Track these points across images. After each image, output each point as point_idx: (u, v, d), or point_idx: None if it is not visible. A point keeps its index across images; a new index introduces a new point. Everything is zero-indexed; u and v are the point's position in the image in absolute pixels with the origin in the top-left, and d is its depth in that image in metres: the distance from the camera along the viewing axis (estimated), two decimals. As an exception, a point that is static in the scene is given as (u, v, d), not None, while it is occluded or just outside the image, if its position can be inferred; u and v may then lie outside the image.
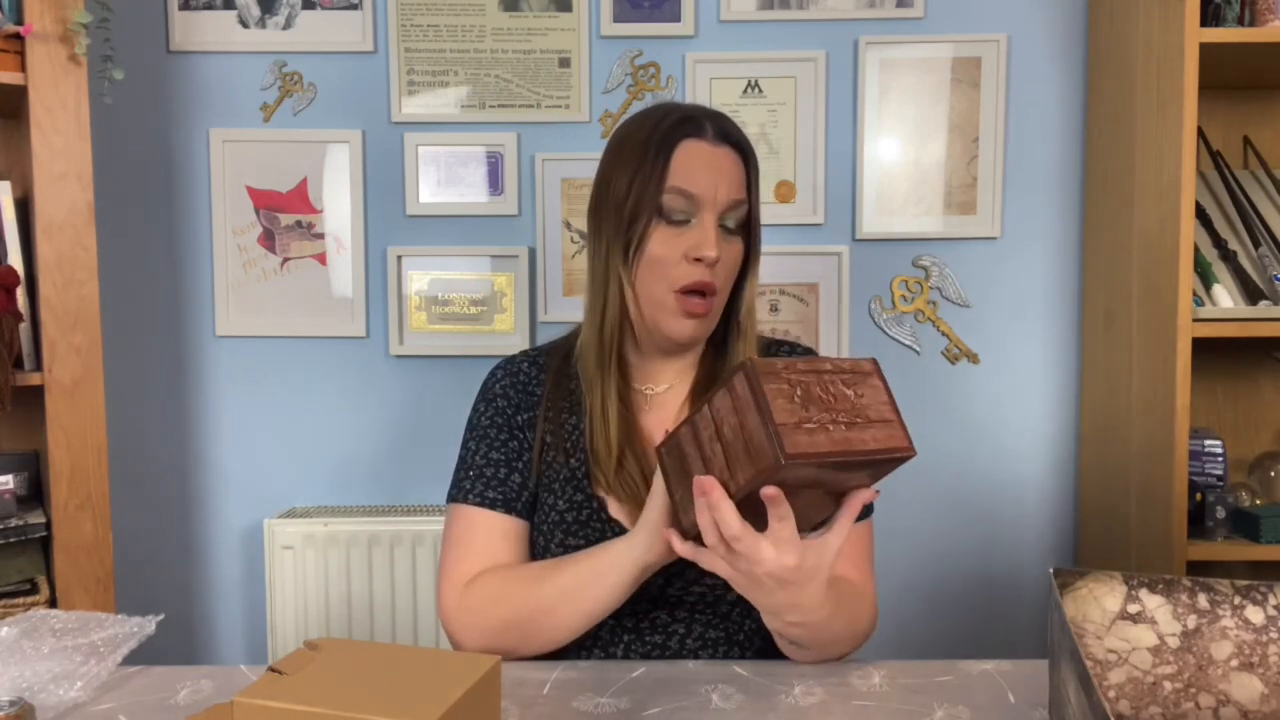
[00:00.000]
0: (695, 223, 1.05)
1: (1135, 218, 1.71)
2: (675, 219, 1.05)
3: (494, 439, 1.11)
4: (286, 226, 1.97)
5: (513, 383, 1.14)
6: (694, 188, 1.04)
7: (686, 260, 1.04)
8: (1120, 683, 0.81)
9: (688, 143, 1.06)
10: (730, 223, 1.07)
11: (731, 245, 1.07)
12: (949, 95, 1.94)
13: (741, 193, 1.07)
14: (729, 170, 1.06)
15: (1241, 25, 1.61)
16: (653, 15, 1.93)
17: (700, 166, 1.05)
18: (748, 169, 1.08)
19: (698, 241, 1.04)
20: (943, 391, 1.98)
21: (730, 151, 1.07)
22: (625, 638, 1.07)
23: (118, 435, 1.82)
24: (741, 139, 1.10)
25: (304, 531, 1.86)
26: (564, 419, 1.11)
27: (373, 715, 0.64)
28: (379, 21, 1.95)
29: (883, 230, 1.95)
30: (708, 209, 1.04)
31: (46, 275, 1.54)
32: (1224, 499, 1.66)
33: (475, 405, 1.15)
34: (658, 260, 1.05)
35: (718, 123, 1.08)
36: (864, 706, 0.88)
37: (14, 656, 0.92)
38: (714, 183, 1.05)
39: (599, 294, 1.09)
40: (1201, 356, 1.61)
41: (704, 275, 1.04)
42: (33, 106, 1.51)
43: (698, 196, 1.04)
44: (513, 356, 1.18)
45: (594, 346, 1.10)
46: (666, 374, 1.14)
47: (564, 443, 1.10)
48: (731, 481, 0.81)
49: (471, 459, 1.11)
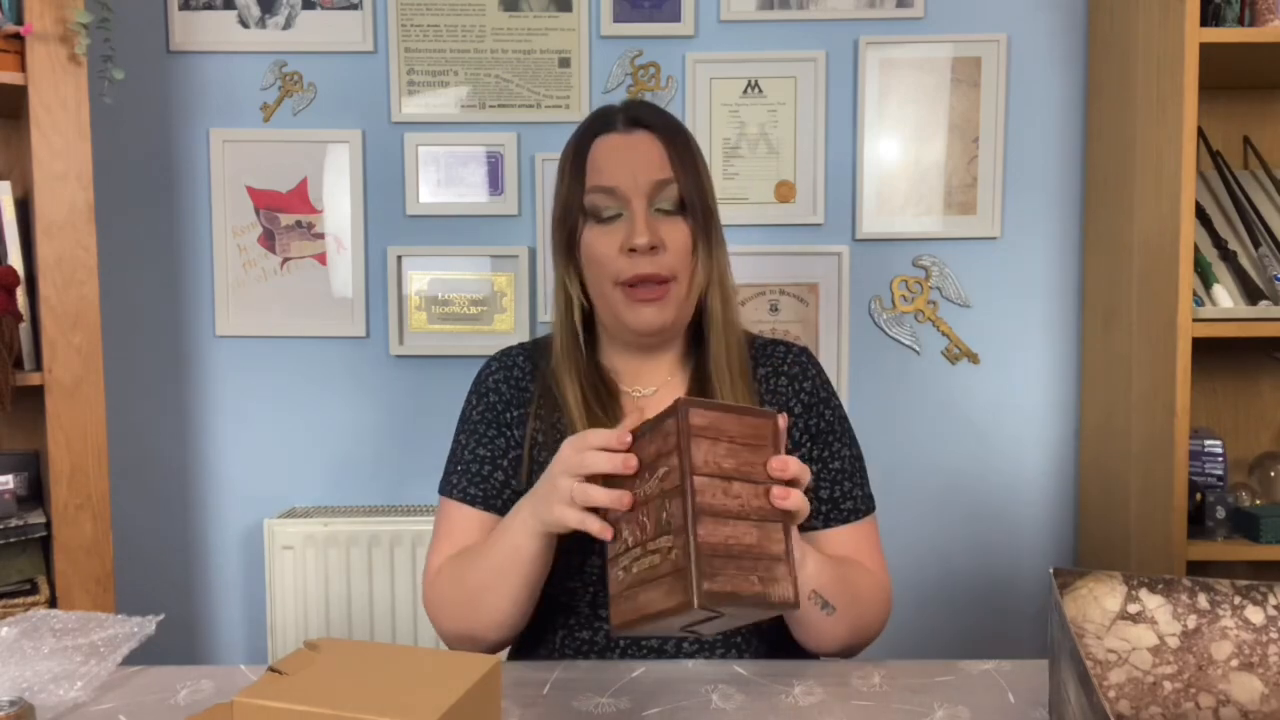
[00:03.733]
0: (625, 215, 1.05)
1: (1135, 218, 1.71)
2: (605, 215, 1.05)
3: (481, 434, 1.12)
4: (286, 226, 1.97)
5: (506, 377, 1.14)
6: (610, 181, 1.04)
7: (623, 254, 1.04)
8: (1120, 683, 0.81)
9: (599, 140, 1.07)
10: (666, 205, 1.05)
11: (673, 226, 1.05)
12: (949, 95, 1.94)
13: (665, 172, 1.05)
14: (645, 154, 1.05)
15: (1241, 25, 1.61)
16: (653, 15, 1.93)
17: (613, 160, 1.05)
18: (670, 147, 1.06)
19: (629, 233, 1.03)
20: (943, 391, 1.98)
21: (645, 135, 1.06)
22: (606, 628, 1.07)
23: (118, 435, 1.82)
24: (656, 120, 1.08)
25: (304, 531, 1.86)
26: (556, 418, 1.11)
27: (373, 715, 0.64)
28: (379, 21, 1.95)
29: (883, 230, 1.95)
30: (634, 197, 1.04)
31: (46, 275, 1.54)
32: (1224, 499, 1.66)
33: (468, 397, 1.15)
34: (597, 260, 1.05)
35: (630, 111, 1.08)
36: (864, 706, 0.88)
37: (14, 656, 0.92)
38: (630, 171, 1.04)
39: (555, 303, 1.12)
40: (1201, 356, 1.61)
41: (643, 266, 1.03)
42: (33, 106, 1.51)
43: (617, 189, 1.04)
44: (508, 349, 1.18)
45: (557, 350, 1.11)
46: (653, 375, 1.13)
47: (554, 442, 1.09)
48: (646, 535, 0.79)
49: (460, 453, 1.12)
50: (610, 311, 1.07)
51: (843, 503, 1.10)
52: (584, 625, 1.08)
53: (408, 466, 1.99)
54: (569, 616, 1.09)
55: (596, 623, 1.07)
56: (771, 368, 1.14)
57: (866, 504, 1.12)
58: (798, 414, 1.12)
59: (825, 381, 1.16)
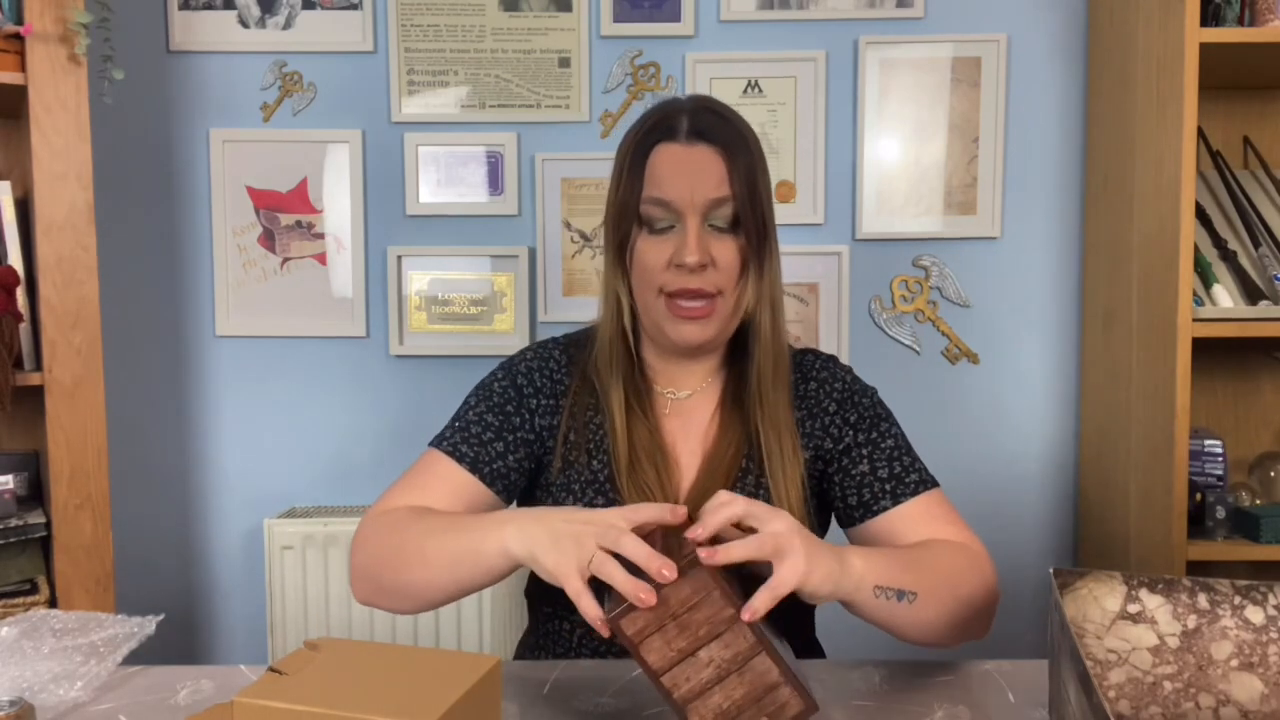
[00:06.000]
0: (679, 228, 1.03)
1: (1135, 218, 1.71)
2: (658, 227, 1.04)
3: (498, 406, 1.09)
4: (286, 226, 1.97)
5: (541, 367, 1.13)
6: (668, 195, 1.03)
7: (671, 267, 1.03)
8: (1120, 683, 0.81)
9: (660, 148, 1.05)
10: (720, 222, 1.04)
11: (725, 244, 1.03)
12: (949, 95, 1.94)
13: (723, 190, 1.03)
14: (705, 169, 1.03)
15: (1241, 25, 1.61)
16: (653, 15, 1.93)
17: (674, 172, 1.03)
18: (730, 163, 1.03)
19: (679, 247, 1.02)
20: (943, 391, 1.98)
21: (707, 149, 1.04)
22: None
23: (118, 435, 1.82)
24: (719, 133, 1.05)
25: (304, 531, 1.86)
26: (589, 418, 1.10)
27: (373, 715, 0.64)
28: (379, 21, 1.95)
29: (883, 230, 1.95)
30: (689, 213, 1.02)
31: (46, 275, 1.54)
32: (1224, 499, 1.66)
33: (494, 372, 1.13)
34: (645, 268, 1.04)
35: (695, 120, 1.05)
36: (864, 706, 0.88)
37: (14, 656, 0.92)
38: (689, 186, 1.02)
39: (604, 299, 1.11)
40: (1201, 356, 1.61)
41: (689, 281, 1.02)
42: (33, 106, 1.51)
43: (673, 203, 1.03)
44: (544, 342, 1.16)
45: (603, 349, 1.10)
46: (689, 379, 1.12)
47: (587, 443, 1.09)
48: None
49: (464, 414, 1.09)
50: (653, 321, 1.07)
51: (906, 476, 1.07)
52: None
53: (408, 466, 1.99)
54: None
55: None
56: (801, 374, 1.14)
57: (930, 477, 1.09)
58: (832, 412, 1.11)
59: (856, 378, 1.15)
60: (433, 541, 0.94)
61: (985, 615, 1.00)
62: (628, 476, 1.05)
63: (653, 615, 0.74)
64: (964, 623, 0.96)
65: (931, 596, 0.92)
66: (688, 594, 0.74)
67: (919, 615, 0.92)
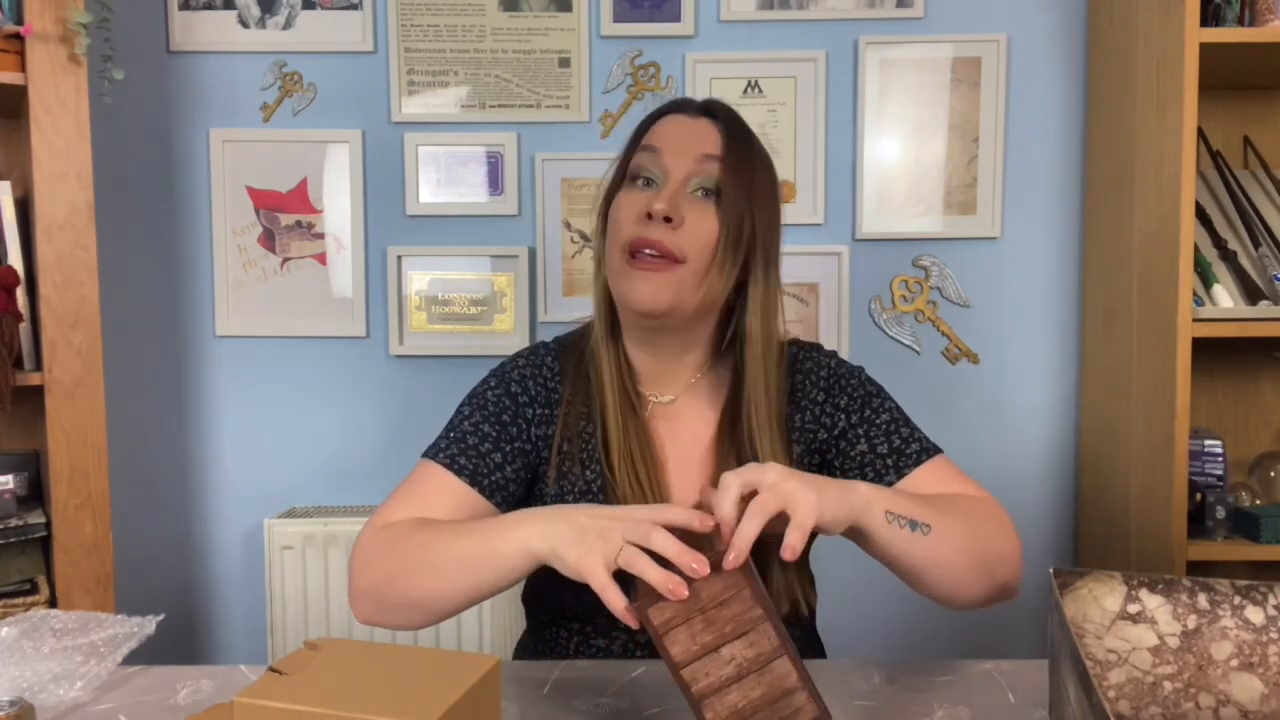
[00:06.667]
0: (659, 186, 1.02)
1: (1135, 218, 1.71)
2: (641, 177, 1.03)
3: (494, 416, 1.06)
4: (286, 226, 1.97)
5: (534, 374, 1.10)
6: (659, 143, 1.03)
7: (641, 219, 1.00)
8: (1120, 683, 0.81)
9: (666, 118, 1.06)
10: (708, 183, 1.01)
11: (702, 211, 1.00)
12: (949, 95, 1.94)
13: (714, 149, 1.02)
14: (704, 134, 1.03)
15: (1241, 25, 1.61)
16: (653, 15, 1.93)
17: (672, 132, 1.04)
18: (730, 140, 1.03)
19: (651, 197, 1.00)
20: (943, 391, 1.98)
21: (710, 123, 1.05)
22: (622, 636, 1.07)
23: (118, 435, 1.82)
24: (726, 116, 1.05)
25: (304, 531, 1.86)
26: (582, 426, 1.07)
27: (373, 715, 0.64)
28: (379, 21, 1.95)
29: (883, 230, 1.95)
30: (675, 167, 1.01)
31: (46, 275, 1.54)
32: (1224, 499, 1.66)
33: (486, 379, 1.11)
34: (616, 224, 1.02)
35: (707, 103, 1.07)
36: (864, 706, 0.88)
37: (14, 656, 0.92)
38: (682, 140, 1.02)
39: (594, 295, 1.09)
40: (1201, 356, 1.61)
41: (650, 230, 0.98)
42: (33, 106, 1.51)
43: (662, 150, 1.02)
44: (535, 347, 1.14)
45: (598, 342, 1.08)
46: (671, 382, 1.09)
47: (580, 453, 1.06)
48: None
49: (459, 424, 1.06)
50: (615, 284, 1.03)
51: (907, 448, 1.05)
52: (600, 634, 1.07)
53: (408, 467, 1.96)
54: (584, 624, 1.07)
55: (614, 631, 1.06)
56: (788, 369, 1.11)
57: (932, 445, 1.07)
58: (820, 401, 1.09)
59: (841, 361, 1.13)
60: (443, 548, 0.91)
61: (1009, 561, 0.97)
62: (619, 483, 1.03)
63: (681, 608, 0.74)
64: (987, 567, 0.94)
65: (947, 532, 0.91)
66: (719, 589, 0.74)
67: (938, 550, 0.90)
